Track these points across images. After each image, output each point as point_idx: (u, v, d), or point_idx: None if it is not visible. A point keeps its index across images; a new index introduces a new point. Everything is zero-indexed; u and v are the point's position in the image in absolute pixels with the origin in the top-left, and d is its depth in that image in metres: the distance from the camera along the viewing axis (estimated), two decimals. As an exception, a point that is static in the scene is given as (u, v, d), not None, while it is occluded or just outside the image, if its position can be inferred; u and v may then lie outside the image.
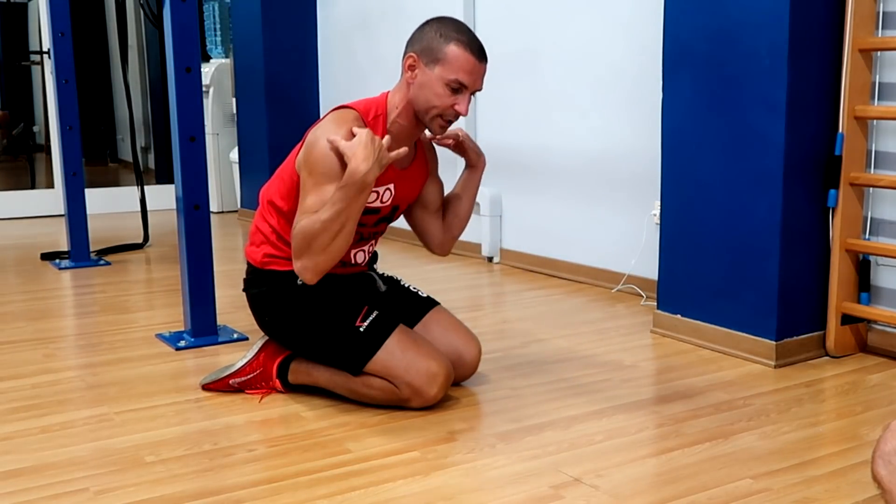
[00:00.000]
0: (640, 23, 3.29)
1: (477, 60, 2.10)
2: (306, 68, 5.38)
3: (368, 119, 2.14)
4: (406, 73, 2.13)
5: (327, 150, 2.03)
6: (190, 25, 2.68)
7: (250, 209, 5.60)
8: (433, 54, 2.08)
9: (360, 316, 2.15)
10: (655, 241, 2.95)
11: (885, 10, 2.51)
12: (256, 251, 2.27)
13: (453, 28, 2.10)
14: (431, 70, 2.08)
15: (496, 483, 1.79)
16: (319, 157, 2.04)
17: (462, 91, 2.10)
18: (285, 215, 2.19)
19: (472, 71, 2.09)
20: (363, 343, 2.13)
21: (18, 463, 1.88)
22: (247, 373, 2.29)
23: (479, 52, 2.11)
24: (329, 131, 2.06)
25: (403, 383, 2.12)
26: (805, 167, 2.52)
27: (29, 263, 4.13)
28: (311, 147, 2.08)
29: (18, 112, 6.83)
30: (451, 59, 2.07)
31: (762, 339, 2.56)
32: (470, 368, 2.34)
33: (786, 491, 1.74)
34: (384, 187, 2.19)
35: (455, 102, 2.10)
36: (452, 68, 2.07)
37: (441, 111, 2.11)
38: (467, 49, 2.08)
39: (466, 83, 2.09)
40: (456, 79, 2.07)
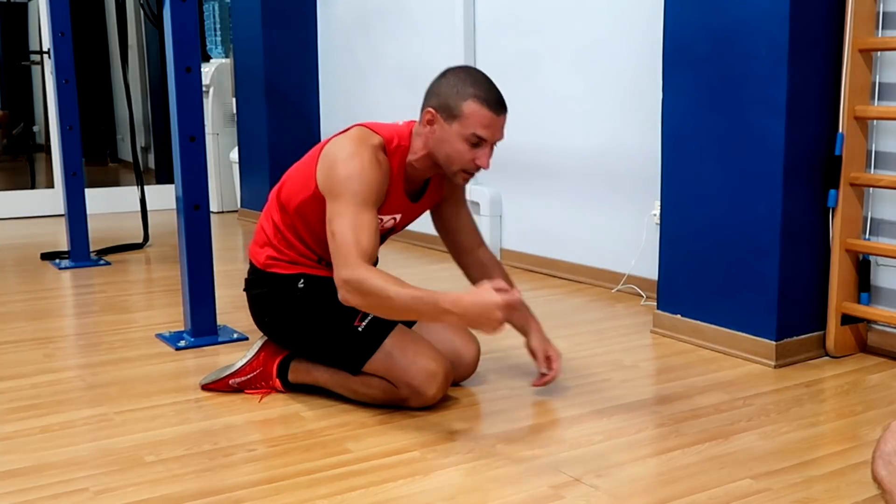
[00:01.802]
0: (640, 23, 3.29)
1: (495, 114, 2.04)
2: (306, 68, 5.38)
3: (390, 147, 2.11)
4: (425, 128, 2.09)
5: (356, 172, 2.00)
6: (190, 25, 2.68)
7: (250, 209, 5.60)
8: (451, 110, 2.04)
9: (359, 316, 2.15)
10: (655, 241, 2.95)
11: (885, 10, 2.51)
12: (260, 252, 2.27)
13: (470, 82, 2.05)
14: (450, 126, 2.05)
15: (496, 483, 1.79)
16: (347, 179, 2.01)
17: (482, 144, 2.06)
18: (290, 218, 2.19)
19: (491, 125, 2.05)
20: (362, 343, 2.13)
21: (18, 463, 1.88)
22: (247, 372, 2.29)
23: (496, 104, 2.05)
24: (351, 152, 2.03)
25: (402, 383, 2.12)
26: (805, 167, 2.52)
27: (29, 263, 4.13)
28: (335, 166, 2.04)
29: (18, 112, 6.83)
30: (469, 114, 2.03)
31: (762, 339, 2.56)
32: (469, 368, 2.34)
33: (786, 491, 1.74)
34: (390, 216, 2.19)
35: (476, 156, 2.07)
36: (470, 124, 2.03)
37: (463, 166, 2.08)
38: (484, 104, 2.03)
39: (486, 137, 2.05)
40: (474, 133, 2.04)
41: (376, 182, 2.04)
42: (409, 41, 4.58)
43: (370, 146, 2.06)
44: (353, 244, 1.96)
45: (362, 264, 1.94)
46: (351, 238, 1.96)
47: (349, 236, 1.96)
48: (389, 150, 2.11)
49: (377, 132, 2.11)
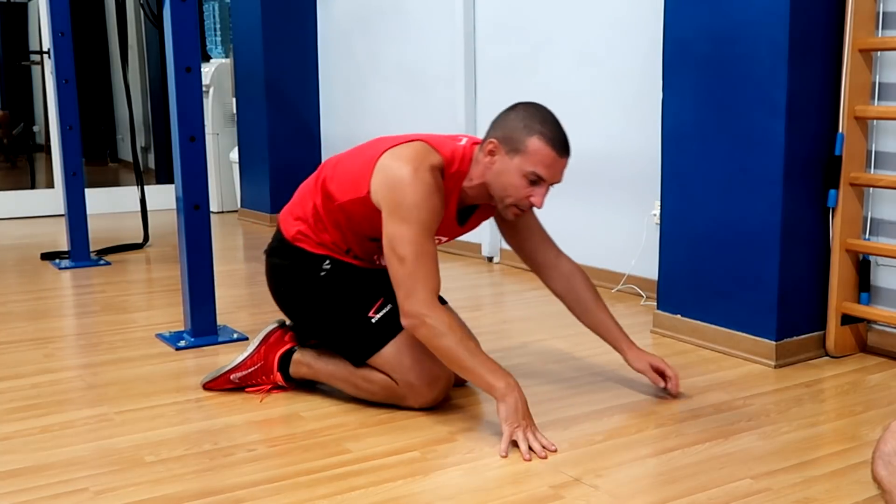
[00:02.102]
0: (640, 23, 3.29)
1: (558, 155, 2.01)
2: (306, 68, 5.38)
3: (449, 171, 2.08)
4: (486, 158, 2.06)
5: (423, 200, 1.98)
6: (190, 25, 2.68)
7: (250, 209, 5.60)
8: (514, 144, 2.02)
9: (375, 307, 2.16)
10: (655, 241, 2.95)
11: (885, 10, 2.51)
12: (292, 224, 2.24)
13: (539, 120, 2.02)
14: (511, 159, 2.02)
15: (496, 483, 1.79)
16: (414, 206, 1.98)
17: (540, 183, 2.03)
18: (335, 210, 2.15)
19: (552, 165, 2.01)
20: (373, 335, 2.14)
21: (18, 463, 1.88)
22: (247, 367, 2.29)
23: (561, 146, 2.02)
24: (414, 174, 1.99)
25: (405, 381, 2.12)
26: (805, 167, 2.52)
27: (29, 263, 4.13)
28: (398, 187, 2.00)
29: (18, 112, 6.83)
30: (532, 151, 2.00)
31: (762, 339, 2.56)
32: None
33: (786, 491, 1.74)
34: (439, 238, 2.17)
35: (531, 194, 2.04)
36: (532, 161, 2.00)
37: (516, 201, 2.05)
38: (549, 143, 2.00)
39: (545, 176, 2.02)
40: (534, 171, 2.00)
41: (439, 211, 2.03)
42: (409, 41, 4.58)
43: (429, 168, 2.02)
44: (423, 281, 1.98)
45: (431, 303, 1.97)
46: (423, 274, 1.98)
47: (421, 272, 1.98)
48: (448, 173, 2.08)
49: (438, 151, 2.07)
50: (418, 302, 1.97)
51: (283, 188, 5.40)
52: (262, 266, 3.83)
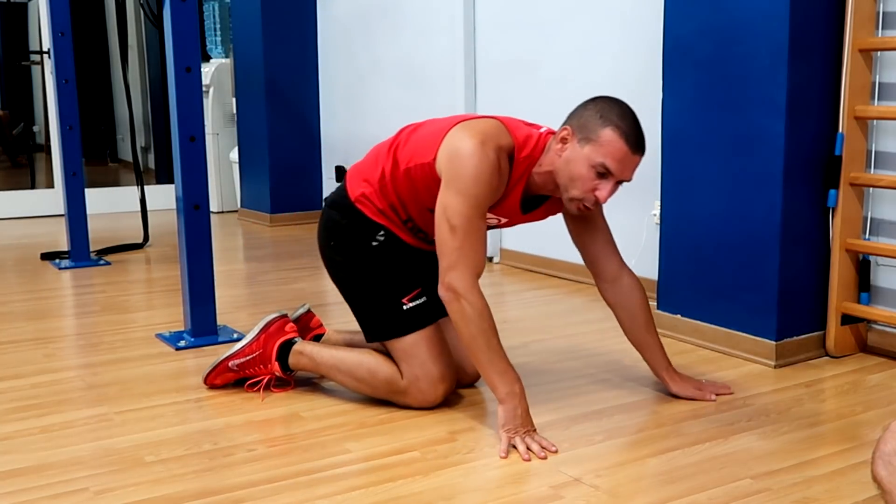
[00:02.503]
0: (640, 23, 3.29)
1: (630, 150, 1.96)
2: (306, 68, 5.38)
3: (519, 156, 2.05)
4: (557, 145, 2.03)
5: (482, 175, 1.96)
6: (190, 25, 2.68)
7: (250, 209, 5.60)
8: (587, 133, 1.97)
9: (411, 295, 2.16)
10: (655, 241, 2.95)
11: (885, 10, 2.51)
12: (358, 185, 2.21)
13: (617, 113, 1.98)
14: (582, 147, 1.97)
15: (496, 483, 1.79)
16: (473, 179, 1.96)
17: (607, 177, 1.98)
18: (400, 175, 2.12)
19: (623, 160, 1.96)
20: (400, 321, 2.14)
21: (18, 463, 1.88)
22: (246, 354, 2.30)
23: (635, 142, 1.97)
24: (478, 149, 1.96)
25: (411, 374, 2.13)
26: (805, 167, 2.52)
27: (29, 263, 4.13)
28: (460, 158, 1.98)
29: (18, 112, 6.83)
30: (604, 142, 1.95)
31: (762, 339, 2.56)
32: (470, 378, 2.34)
33: (786, 491, 1.74)
34: (496, 217, 2.15)
35: (597, 187, 1.98)
36: (602, 152, 1.95)
37: (581, 194, 2.00)
38: (622, 136, 1.95)
39: (613, 170, 1.96)
40: (602, 163, 1.95)
41: (495, 189, 2.01)
42: (409, 41, 4.58)
43: (496, 147, 1.99)
44: (469, 256, 1.97)
45: (473, 284, 1.97)
46: (469, 249, 1.97)
47: (468, 246, 1.97)
48: (517, 157, 2.05)
49: (512, 133, 2.05)
50: (459, 278, 1.96)
51: (283, 188, 5.41)
52: (262, 266, 3.83)
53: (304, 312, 2.50)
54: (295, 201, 5.44)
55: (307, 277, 3.78)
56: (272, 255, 4.45)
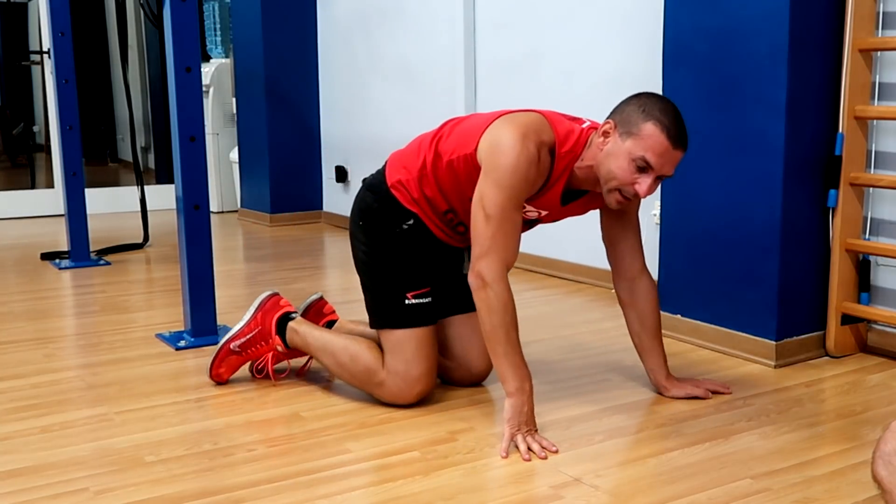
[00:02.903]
0: (640, 23, 3.29)
1: (671, 145, 1.95)
2: (306, 68, 5.38)
3: (560, 151, 2.04)
4: (599, 139, 2.02)
5: (521, 166, 1.97)
6: (190, 25, 2.68)
7: (250, 209, 5.60)
8: (629, 126, 1.97)
9: (417, 292, 2.18)
10: (655, 241, 2.95)
11: (885, 10, 2.51)
12: (397, 171, 2.21)
13: (659, 108, 1.97)
14: (623, 141, 1.97)
15: (496, 483, 1.79)
16: (511, 170, 1.97)
17: (647, 171, 1.96)
18: (442, 167, 2.12)
19: (663, 154, 1.95)
20: (399, 314, 2.17)
21: (18, 463, 1.88)
22: (245, 333, 2.35)
23: (677, 137, 1.95)
24: (519, 141, 1.97)
25: (392, 368, 2.15)
26: (805, 167, 2.52)
27: (29, 263, 4.13)
28: (500, 149, 1.99)
29: (18, 112, 6.83)
30: (645, 135, 1.94)
31: (762, 339, 2.56)
32: (477, 377, 2.35)
33: (786, 491, 1.74)
34: (535, 210, 2.14)
35: (636, 181, 1.97)
36: (643, 145, 1.94)
37: (620, 185, 1.99)
38: (664, 131, 1.94)
39: (653, 164, 1.95)
40: (643, 156, 1.94)
41: (532, 181, 2.01)
42: (409, 41, 4.58)
43: (538, 142, 1.99)
44: (502, 246, 1.98)
45: (502, 275, 1.98)
46: (502, 240, 1.98)
47: (501, 237, 1.98)
48: (559, 153, 2.04)
49: (554, 128, 2.04)
50: (489, 267, 1.97)
51: (283, 188, 5.41)
52: (262, 266, 3.84)
53: (318, 299, 2.57)
54: (295, 201, 5.44)
55: (307, 277, 3.78)
56: (272, 255, 4.45)
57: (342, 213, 5.26)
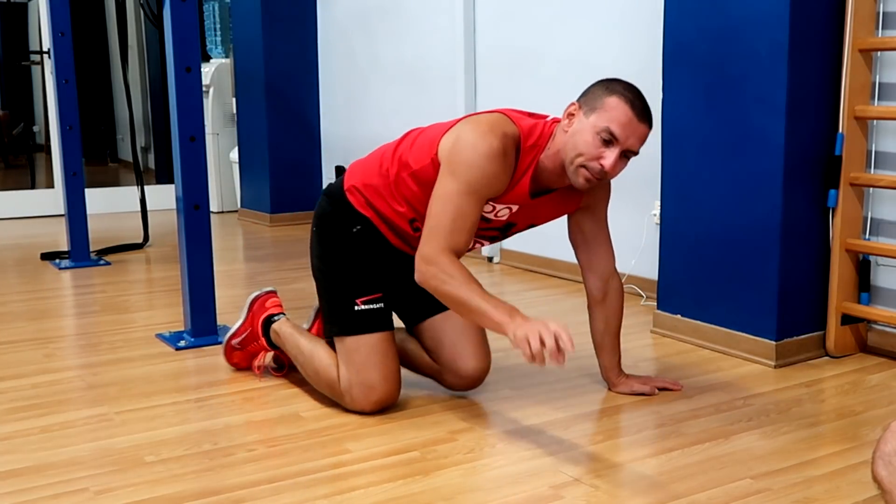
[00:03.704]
0: (640, 23, 3.29)
1: (636, 116, 1.94)
2: (306, 68, 5.38)
3: (525, 145, 2.04)
4: (564, 121, 2.04)
5: (477, 161, 1.96)
6: (190, 25, 2.68)
7: (250, 209, 5.60)
8: (593, 103, 1.98)
9: (367, 298, 2.15)
10: (655, 241, 2.95)
11: (885, 10, 2.51)
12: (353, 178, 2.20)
13: (623, 85, 1.98)
14: (587, 118, 1.97)
15: (496, 483, 1.79)
16: (467, 165, 1.96)
17: (613, 144, 1.95)
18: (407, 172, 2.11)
19: (627, 125, 1.94)
20: (348, 321, 2.14)
21: (18, 463, 1.88)
22: (240, 333, 2.45)
23: (640, 109, 1.95)
24: (480, 136, 1.97)
25: (346, 378, 2.13)
26: (805, 167, 2.52)
27: (29, 263, 4.13)
28: (459, 146, 1.98)
29: (18, 112, 6.83)
30: (609, 108, 1.95)
31: (762, 339, 2.56)
32: (468, 381, 2.26)
33: (786, 491, 1.74)
34: (505, 206, 2.12)
35: (602, 155, 1.96)
36: (606, 117, 1.94)
37: (586, 161, 1.97)
38: (627, 102, 1.94)
39: (618, 135, 1.94)
40: (607, 127, 1.94)
41: (494, 175, 1.98)
42: (409, 41, 4.58)
43: (502, 135, 1.99)
44: (446, 232, 1.95)
45: (445, 251, 1.94)
46: (448, 226, 1.96)
47: (447, 223, 1.95)
48: (524, 146, 2.04)
49: (517, 123, 2.04)
50: (431, 247, 1.95)
51: (283, 188, 5.40)
52: (262, 266, 3.85)
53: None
54: (295, 201, 5.43)
55: (307, 277, 3.77)
56: (272, 255, 4.45)
57: (342, 213, 5.26)
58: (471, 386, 2.28)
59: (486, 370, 2.27)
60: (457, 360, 2.24)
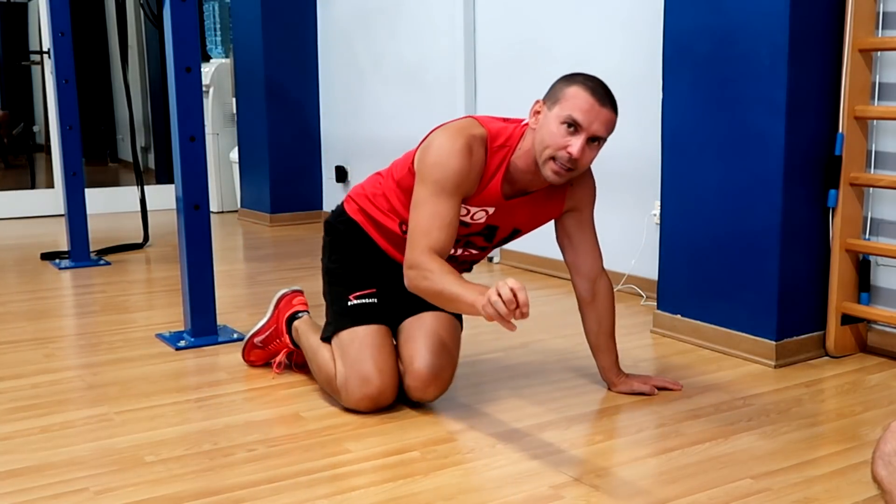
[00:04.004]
0: (640, 23, 3.29)
1: (596, 101, 1.97)
2: (306, 68, 5.38)
3: (493, 145, 2.07)
4: (531, 119, 2.07)
5: (441, 160, 2.00)
6: (190, 25, 2.68)
7: (250, 209, 5.60)
8: (555, 96, 2.02)
9: (361, 293, 2.20)
10: (655, 241, 2.95)
11: (885, 10, 2.51)
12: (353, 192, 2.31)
13: (583, 76, 2.02)
14: (551, 110, 2.00)
15: (496, 483, 1.79)
16: (432, 165, 2.01)
17: (578, 132, 1.97)
18: (393, 182, 2.19)
19: (589, 110, 1.96)
20: (342, 316, 2.19)
21: (18, 463, 1.88)
22: (265, 330, 2.48)
23: (601, 95, 1.98)
24: (445, 138, 2.02)
25: (341, 372, 2.14)
26: (805, 167, 2.52)
27: (29, 263, 4.13)
28: (427, 150, 2.05)
29: (18, 112, 6.83)
30: (570, 96, 1.98)
31: (762, 339, 2.56)
32: (420, 381, 2.14)
33: (786, 491, 1.74)
34: (481, 209, 2.13)
35: (568, 143, 1.97)
36: (568, 105, 1.97)
37: (553, 152, 1.98)
38: (587, 89, 1.97)
39: (581, 121, 1.96)
40: (570, 115, 1.96)
41: (461, 172, 2.01)
42: (409, 40, 4.58)
43: (468, 135, 2.03)
44: (425, 235, 1.99)
45: (426, 252, 1.98)
46: (425, 229, 2.00)
47: (424, 227, 2.00)
48: (492, 146, 2.06)
49: (484, 125, 2.08)
50: (414, 253, 1.99)
51: (283, 188, 5.40)
52: (262, 266, 3.86)
53: None
54: (295, 201, 5.44)
55: (307, 277, 3.77)
56: (272, 255, 4.45)
57: (342, 213, 5.26)
58: (427, 389, 2.15)
59: (439, 373, 2.15)
60: (414, 358, 2.16)
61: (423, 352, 2.15)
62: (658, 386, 2.31)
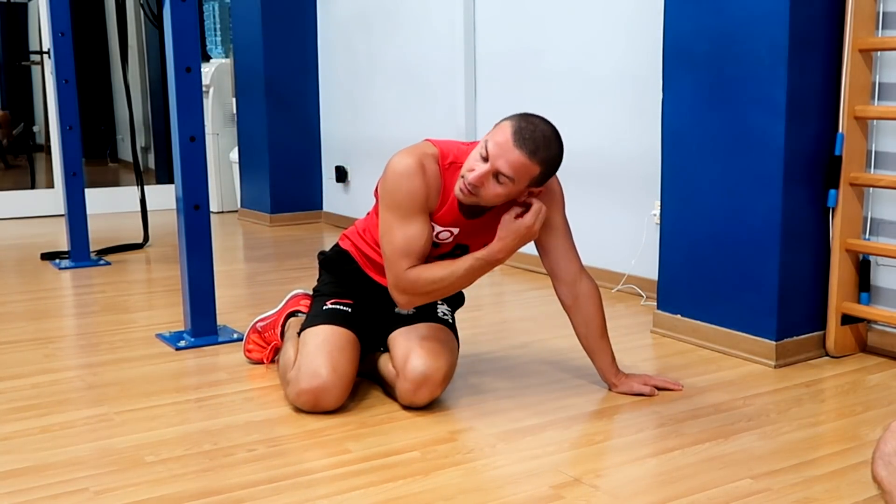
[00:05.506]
0: (640, 23, 3.29)
1: (513, 141, 1.96)
2: (306, 68, 5.38)
3: (444, 163, 2.11)
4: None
5: (399, 183, 2.06)
6: (190, 25, 2.68)
7: (250, 209, 5.60)
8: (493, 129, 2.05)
9: (337, 301, 2.28)
10: (655, 241, 2.95)
11: (885, 10, 2.51)
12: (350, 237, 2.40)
13: (524, 116, 2.03)
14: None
15: (496, 483, 1.79)
16: (393, 191, 2.08)
17: (486, 161, 2.00)
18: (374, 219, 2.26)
19: (502, 144, 1.97)
20: (315, 317, 2.26)
21: (18, 463, 1.88)
22: (267, 319, 2.58)
23: (522, 138, 1.97)
24: (398, 161, 2.09)
25: (297, 365, 2.17)
26: (805, 167, 2.52)
27: (29, 263, 4.13)
28: (385, 176, 2.11)
29: (18, 112, 6.83)
30: (496, 129, 2.01)
31: (762, 339, 2.56)
32: (415, 383, 2.12)
33: (786, 491, 1.74)
34: (445, 229, 2.16)
35: (473, 169, 2.01)
36: (490, 135, 2.01)
37: (464, 171, 2.04)
38: (511, 127, 1.98)
39: (490, 153, 1.98)
40: (485, 144, 2.00)
41: (417, 190, 2.07)
42: (409, 41, 4.58)
43: (419, 153, 2.09)
44: (400, 257, 2.08)
45: (404, 269, 2.08)
46: (399, 253, 2.08)
47: (398, 251, 2.08)
48: (443, 164, 2.11)
49: (436, 145, 2.14)
50: (395, 276, 2.09)
51: (283, 188, 5.40)
52: (262, 266, 3.88)
53: None
54: (295, 201, 5.44)
55: (307, 277, 3.77)
56: (272, 255, 4.45)
57: (342, 213, 5.26)
58: (418, 391, 2.13)
59: (432, 374, 2.12)
60: (408, 359, 2.14)
61: (418, 351, 2.14)
62: (658, 386, 2.31)
